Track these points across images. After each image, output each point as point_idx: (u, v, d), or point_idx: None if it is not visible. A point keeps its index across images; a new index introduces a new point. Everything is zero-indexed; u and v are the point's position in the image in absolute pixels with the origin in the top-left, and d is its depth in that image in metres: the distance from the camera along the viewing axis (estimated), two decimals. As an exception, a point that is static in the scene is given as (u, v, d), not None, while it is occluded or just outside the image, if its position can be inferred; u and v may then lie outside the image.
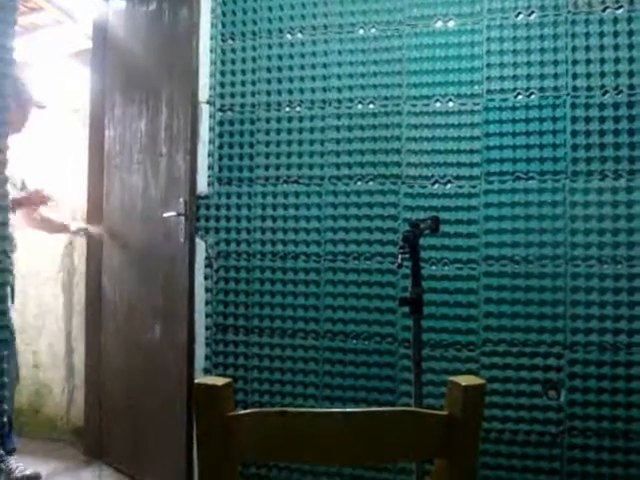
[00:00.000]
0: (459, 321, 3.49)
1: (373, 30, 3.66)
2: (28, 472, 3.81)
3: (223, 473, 1.25)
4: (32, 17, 4.76)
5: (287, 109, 3.78)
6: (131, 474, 3.76)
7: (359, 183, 3.67)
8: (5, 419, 3.28)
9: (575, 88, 3.37)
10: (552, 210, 3.39)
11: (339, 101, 3.70)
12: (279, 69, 3.79)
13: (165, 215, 3.65)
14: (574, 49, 3.37)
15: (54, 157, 4.69)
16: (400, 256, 2.71)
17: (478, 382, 1.26)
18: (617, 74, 3.32)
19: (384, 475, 3.57)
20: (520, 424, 3.40)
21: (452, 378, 1.27)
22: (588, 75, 3.35)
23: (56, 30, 4.92)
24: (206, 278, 3.83)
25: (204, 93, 3.81)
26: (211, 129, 3.86)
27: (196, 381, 1.27)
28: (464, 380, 1.25)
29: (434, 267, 3.51)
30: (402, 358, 3.55)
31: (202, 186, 3.81)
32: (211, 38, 3.86)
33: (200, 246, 3.79)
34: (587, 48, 3.35)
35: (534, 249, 3.40)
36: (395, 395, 3.57)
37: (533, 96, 3.43)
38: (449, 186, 3.54)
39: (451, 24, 3.56)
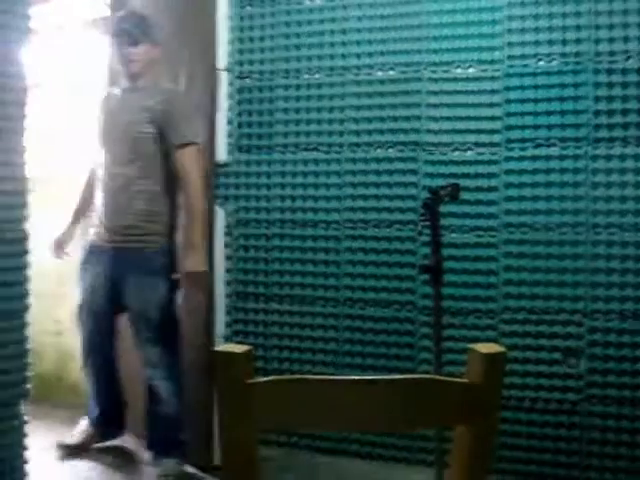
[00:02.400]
0: (479, 289, 3.48)
1: (393, -5, 3.63)
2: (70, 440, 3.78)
3: (243, 440, 1.25)
4: (49, -16, 4.73)
5: (306, 76, 3.76)
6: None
7: (379, 150, 3.65)
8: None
9: (598, 53, 3.32)
10: (573, 177, 3.36)
11: (358, 68, 3.68)
12: (298, 36, 3.77)
13: (184, 183, 3.64)
14: (597, 13, 3.32)
15: (74, 125, 4.68)
16: (420, 223, 2.70)
17: (499, 350, 1.25)
18: (641, 39, 3.27)
19: (404, 442, 3.59)
20: (540, 392, 3.40)
21: (472, 346, 1.26)
22: (611, 40, 3.30)
23: (74, -3, 4.90)
24: (226, 246, 3.84)
25: (222, 60, 3.79)
26: (230, 97, 3.84)
27: (216, 349, 1.27)
28: (484, 348, 1.25)
29: (454, 234, 3.50)
30: (422, 326, 3.55)
31: (221, 154, 3.81)
32: (229, 4, 3.84)
33: (219, 214, 3.79)
34: (610, 12, 3.30)
35: (555, 216, 3.38)
36: (415, 363, 3.58)
37: (555, 62, 3.39)
38: (469, 153, 3.51)
39: (472, -11, 3.52)
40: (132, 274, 3.44)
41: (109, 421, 3.74)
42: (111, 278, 3.48)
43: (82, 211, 3.76)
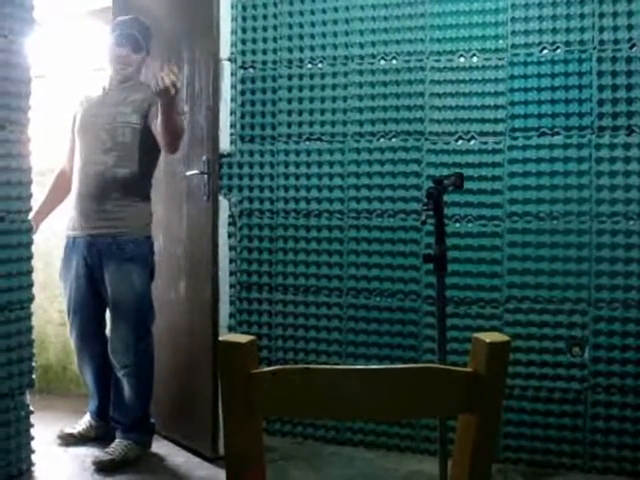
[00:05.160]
0: (483, 278, 3.48)
1: (396, -16, 3.62)
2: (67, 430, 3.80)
3: (247, 429, 1.25)
4: (52, -25, 4.72)
5: (309, 66, 3.76)
6: (157, 430, 3.81)
7: (382, 140, 3.64)
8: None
9: (602, 42, 3.31)
10: (577, 166, 3.35)
11: (361, 57, 3.67)
12: (300, 25, 3.76)
13: (188, 174, 3.65)
14: (601, 1, 3.30)
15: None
16: (424, 213, 2.70)
17: (503, 339, 1.25)
18: (645, 26, 3.26)
19: (407, 431, 3.60)
20: (544, 381, 3.40)
21: (476, 335, 1.26)
22: (615, 28, 3.29)
23: (76, -12, 4.89)
24: (230, 236, 3.84)
25: (225, 50, 3.78)
26: (233, 87, 3.84)
27: (220, 339, 1.27)
28: (488, 337, 1.25)
29: (458, 224, 3.50)
30: (426, 315, 3.56)
31: (224, 144, 3.80)
32: (232, -6, 3.83)
33: (223, 204, 3.78)
34: (614, 0, 3.28)
35: (559, 206, 3.38)
36: (419, 352, 3.58)
37: (559, 50, 3.38)
38: (473, 142, 3.51)
39: (475, -23, 3.50)
40: (106, 261, 3.49)
41: (107, 414, 3.74)
42: (88, 267, 3.54)
43: (47, 208, 3.74)
